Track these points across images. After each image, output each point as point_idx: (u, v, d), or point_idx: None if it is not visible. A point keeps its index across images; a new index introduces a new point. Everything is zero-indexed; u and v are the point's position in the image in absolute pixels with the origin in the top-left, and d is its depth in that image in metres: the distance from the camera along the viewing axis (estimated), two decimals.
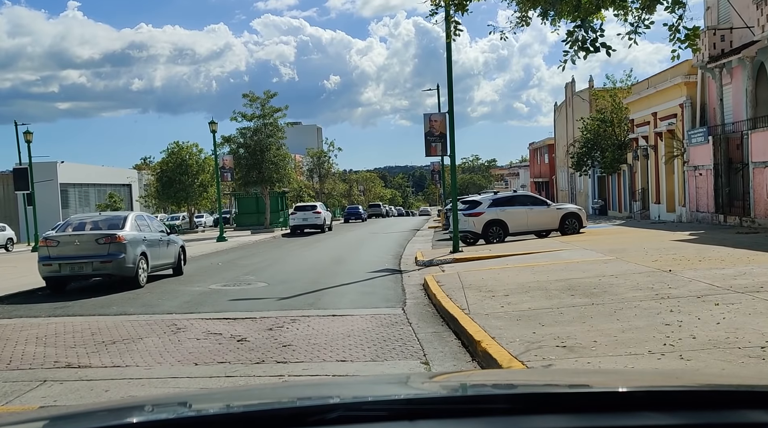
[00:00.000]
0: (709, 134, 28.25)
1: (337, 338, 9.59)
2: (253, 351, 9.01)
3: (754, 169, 24.78)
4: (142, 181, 68.92)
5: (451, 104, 21.40)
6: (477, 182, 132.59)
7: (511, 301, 10.72)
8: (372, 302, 13.05)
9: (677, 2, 9.52)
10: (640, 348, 7.07)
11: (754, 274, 11.52)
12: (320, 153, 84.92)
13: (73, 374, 8.22)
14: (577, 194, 55.81)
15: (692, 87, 30.82)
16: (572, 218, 25.33)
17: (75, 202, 61.03)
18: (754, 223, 24.46)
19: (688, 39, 9.69)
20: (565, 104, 59.36)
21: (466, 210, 24.78)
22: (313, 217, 42.02)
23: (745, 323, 7.89)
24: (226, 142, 50.18)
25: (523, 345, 7.64)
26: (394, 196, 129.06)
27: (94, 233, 16.37)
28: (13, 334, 11.02)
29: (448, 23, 11.30)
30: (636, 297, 10.11)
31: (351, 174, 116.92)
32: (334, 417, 1.66)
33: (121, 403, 3.05)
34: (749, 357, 6.48)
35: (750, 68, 25.40)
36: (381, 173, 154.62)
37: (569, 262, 15.43)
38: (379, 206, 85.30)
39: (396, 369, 7.80)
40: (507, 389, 2.13)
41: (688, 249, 16.52)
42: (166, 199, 56.01)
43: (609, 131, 43.25)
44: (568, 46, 10.02)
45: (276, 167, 49.30)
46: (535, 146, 75.95)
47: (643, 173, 37.99)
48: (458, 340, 9.02)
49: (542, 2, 10.28)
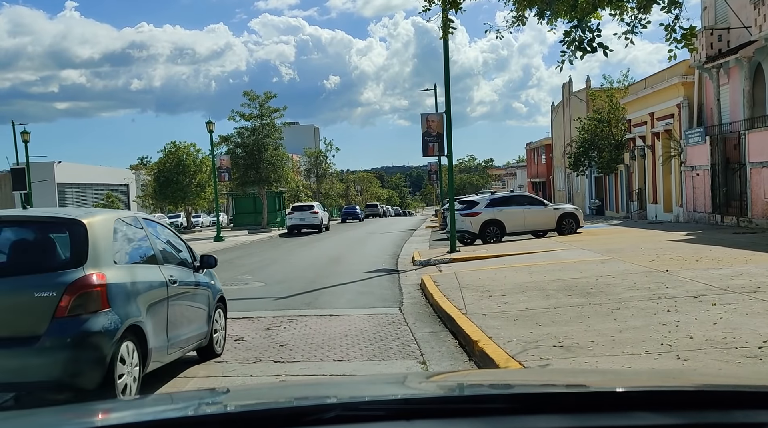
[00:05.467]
0: (706, 134, 28.28)
1: (334, 337, 9.59)
2: (251, 351, 9.01)
3: (752, 169, 24.81)
4: (140, 181, 68.85)
5: (448, 104, 21.37)
6: (474, 182, 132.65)
7: (508, 301, 10.72)
8: (369, 301, 13.05)
9: (673, 2, 9.53)
10: (637, 348, 7.08)
11: (752, 274, 11.54)
12: (318, 153, 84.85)
13: None
14: (574, 194, 55.83)
15: (689, 87, 30.85)
16: (569, 218, 25.34)
17: (72, 202, 60.96)
18: (751, 223, 24.49)
19: (685, 39, 9.70)
20: (562, 104, 59.38)
21: (463, 210, 24.77)
22: (310, 217, 41.99)
23: (743, 323, 7.90)
24: (224, 142, 50.14)
25: (520, 344, 7.64)
26: (391, 196, 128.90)
27: None
28: None
29: (445, 21, 11.29)
30: (633, 297, 10.11)
31: (348, 174, 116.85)
32: (331, 416, 1.66)
33: (118, 403, 3.04)
34: (746, 357, 6.49)
35: (747, 68, 25.43)
36: (378, 173, 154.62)
37: (566, 262, 15.43)
38: (376, 206, 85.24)
39: (393, 369, 7.80)
40: (504, 389, 2.13)
41: (685, 249, 16.53)
42: (163, 199, 55.93)
43: (606, 131, 43.26)
44: (565, 47, 10.02)
45: (273, 167, 49.27)
46: (532, 146, 75.96)
47: (640, 173, 38.02)
48: (455, 340, 9.03)
49: (538, 2, 10.28)
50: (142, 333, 6.42)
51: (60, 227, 6.47)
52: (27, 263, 6.19)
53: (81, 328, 5.78)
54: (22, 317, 5.82)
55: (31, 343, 5.68)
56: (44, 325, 5.72)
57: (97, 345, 5.83)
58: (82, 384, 5.82)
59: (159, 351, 6.83)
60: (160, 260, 7.36)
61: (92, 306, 5.89)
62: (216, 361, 8.47)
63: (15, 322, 5.81)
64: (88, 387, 5.82)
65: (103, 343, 5.86)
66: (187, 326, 7.67)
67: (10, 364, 5.68)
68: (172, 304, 7.20)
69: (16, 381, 5.78)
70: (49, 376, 5.71)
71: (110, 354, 5.89)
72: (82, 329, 5.79)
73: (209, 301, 8.47)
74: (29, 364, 5.68)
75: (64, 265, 6.06)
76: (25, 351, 5.67)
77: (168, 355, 7.17)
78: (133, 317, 6.27)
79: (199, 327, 8.04)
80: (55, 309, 5.76)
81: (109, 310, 6.00)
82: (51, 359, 5.68)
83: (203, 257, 8.55)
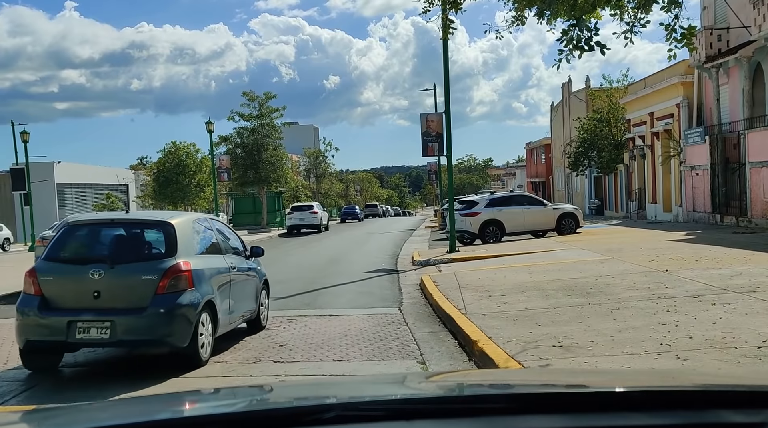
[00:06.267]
0: (706, 134, 28.28)
1: (333, 338, 9.59)
2: (250, 351, 9.01)
3: (751, 169, 24.81)
4: (139, 181, 68.80)
5: (447, 104, 21.36)
6: (474, 182, 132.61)
7: (508, 301, 10.72)
8: (369, 302, 13.06)
9: (673, 2, 9.53)
10: (637, 348, 7.08)
11: (751, 274, 11.54)
12: (317, 153, 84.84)
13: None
14: (573, 194, 55.82)
15: (689, 87, 30.84)
16: (569, 218, 25.34)
17: (72, 202, 60.92)
18: (750, 223, 24.49)
19: (684, 38, 9.70)
20: (562, 104, 59.38)
21: (463, 210, 24.75)
22: (309, 217, 41.98)
23: (742, 323, 7.90)
24: (224, 142, 50.14)
25: (519, 344, 7.64)
26: (390, 196, 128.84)
27: None
28: (10, 334, 10.97)
29: (445, 21, 11.29)
30: (633, 297, 10.11)
31: (348, 174, 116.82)
32: (331, 416, 1.66)
33: (118, 403, 3.04)
34: (746, 356, 6.49)
35: (747, 68, 25.43)
36: (378, 173, 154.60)
37: (566, 262, 15.43)
38: (376, 206, 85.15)
39: (393, 369, 7.80)
40: (504, 389, 2.13)
41: (685, 249, 16.53)
42: (162, 199, 55.89)
43: (606, 130, 43.25)
44: (563, 45, 10.03)
45: (273, 167, 49.26)
46: (532, 146, 75.93)
47: (640, 173, 38.01)
48: (455, 340, 9.03)
49: (538, 2, 10.27)
50: (214, 307, 8.39)
51: (156, 226, 8.53)
52: (135, 254, 8.31)
53: (175, 302, 7.78)
54: (134, 294, 7.81)
55: (140, 312, 7.71)
56: (148, 299, 7.74)
57: (186, 314, 7.81)
58: (175, 342, 7.80)
59: (224, 321, 8.75)
60: (224, 251, 9.40)
61: (182, 286, 7.89)
62: (216, 361, 8.47)
63: (129, 297, 7.80)
64: (180, 345, 7.80)
65: (190, 313, 7.84)
66: (243, 303, 9.55)
67: (126, 327, 7.71)
68: (233, 285, 9.11)
69: (131, 339, 7.81)
70: (153, 336, 7.78)
71: (194, 322, 7.87)
72: (176, 303, 7.78)
73: (257, 284, 10.32)
74: (139, 327, 7.74)
75: (161, 255, 8.10)
76: (136, 318, 7.71)
77: (230, 324, 9.13)
78: (208, 294, 8.24)
79: (250, 304, 9.92)
80: (156, 288, 7.77)
81: (193, 289, 7.98)
82: (154, 324, 7.71)
83: (252, 248, 10.56)
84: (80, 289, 7.87)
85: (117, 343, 7.87)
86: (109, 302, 7.79)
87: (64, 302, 7.90)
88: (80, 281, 7.87)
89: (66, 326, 7.71)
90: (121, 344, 7.93)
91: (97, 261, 8.01)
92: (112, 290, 7.81)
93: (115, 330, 7.68)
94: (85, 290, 7.83)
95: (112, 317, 7.69)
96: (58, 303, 7.91)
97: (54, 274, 8.01)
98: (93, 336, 7.73)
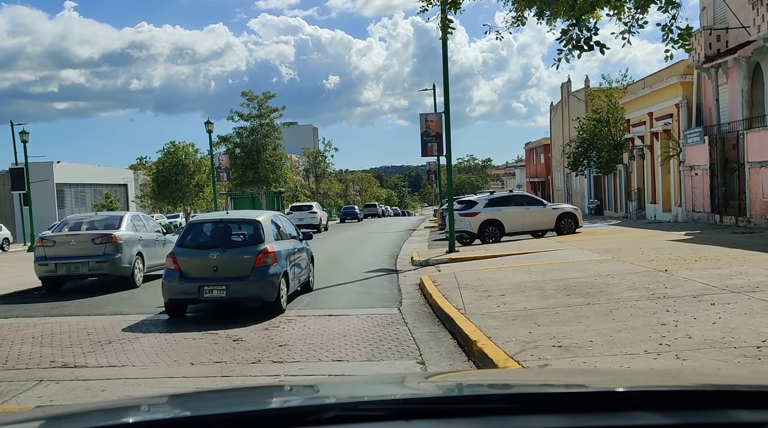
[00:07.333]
0: (705, 134, 28.29)
1: (333, 338, 9.59)
2: (249, 351, 9.01)
3: (750, 169, 24.82)
4: (138, 181, 68.76)
5: (447, 104, 21.34)
6: (473, 182, 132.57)
7: (507, 301, 10.72)
8: (368, 302, 13.06)
9: (671, 2, 9.52)
10: (636, 348, 7.08)
11: (750, 274, 11.54)
12: (316, 153, 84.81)
13: (69, 374, 8.21)
14: (573, 194, 55.83)
15: (688, 87, 30.85)
16: (568, 218, 25.33)
17: (71, 202, 60.92)
18: (749, 223, 24.51)
19: (681, 39, 9.69)
20: (561, 104, 59.38)
21: (462, 210, 24.75)
22: (309, 217, 41.98)
23: (741, 323, 7.90)
24: (223, 141, 50.12)
25: (519, 344, 7.64)
26: (390, 196, 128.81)
27: (90, 233, 16.33)
28: (9, 334, 10.99)
29: (444, 21, 11.29)
30: (632, 297, 10.12)
31: (347, 174, 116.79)
32: (330, 416, 1.66)
33: (117, 403, 3.04)
34: (745, 356, 6.49)
35: (746, 68, 25.44)
36: (377, 172, 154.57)
37: (565, 262, 15.44)
38: (375, 206, 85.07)
39: (392, 369, 7.80)
40: (503, 389, 2.13)
41: (684, 249, 16.54)
42: (162, 199, 55.88)
43: (605, 130, 43.27)
44: (562, 45, 10.02)
45: (272, 166, 49.27)
46: (531, 145, 75.93)
47: (639, 172, 38.03)
48: (454, 340, 9.03)
49: (537, 2, 10.27)
50: (287, 275, 12.24)
51: (249, 223, 12.51)
52: (238, 242, 12.32)
53: (266, 272, 11.58)
54: (240, 267, 11.57)
55: (244, 279, 11.50)
56: (249, 271, 11.53)
57: (272, 280, 11.63)
58: (267, 298, 11.57)
59: (293, 285, 12.84)
60: (288, 237, 13.42)
61: (269, 262, 11.69)
62: (215, 361, 8.47)
63: (236, 270, 11.55)
64: (270, 300, 11.58)
65: (275, 279, 11.67)
66: (301, 271, 13.64)
67: (236, 289, 11.48)
68: (295, 260, 13.17)
69: (239, 297, 11.60)
70: (253, 294, 11.61)
71: (278, 285, 11.69)
72: (267, 273, 11.59)
73: (308, 258, 14.59)
74: (244, 289, 11.54)
75: (254, 242, 11.93)
76: (242, 283, 11.49)
77: (296, 287, 13.36)
78: (284, 267, 12.11)
79: (305, 272, 14.12)
80: (254, 263, 11.57)
81: (276, 264, 11.79)
82: (253, 286, 11.52)
83: (304, 233, 15.07)
84: (204, 265, 11.63)
85: (230, 300, 11.62)
86: (223, 273, 11.53)
87: (194, 274, 11.65)
88: (204, 260, 11.65)
89: (197, 289, 11.49)
90: (232, 300, 11.64)
91: (214, 247, 11.82)
92: (226, 266, 11.56)
93: (230, 290, 11.45)
94: (207, 266, 11.61)
95: (227, 283, 11.46)
96: (190, 274, 11.64)
97: (186, 256, 11.80)
98: (215, 294, 11.53)
